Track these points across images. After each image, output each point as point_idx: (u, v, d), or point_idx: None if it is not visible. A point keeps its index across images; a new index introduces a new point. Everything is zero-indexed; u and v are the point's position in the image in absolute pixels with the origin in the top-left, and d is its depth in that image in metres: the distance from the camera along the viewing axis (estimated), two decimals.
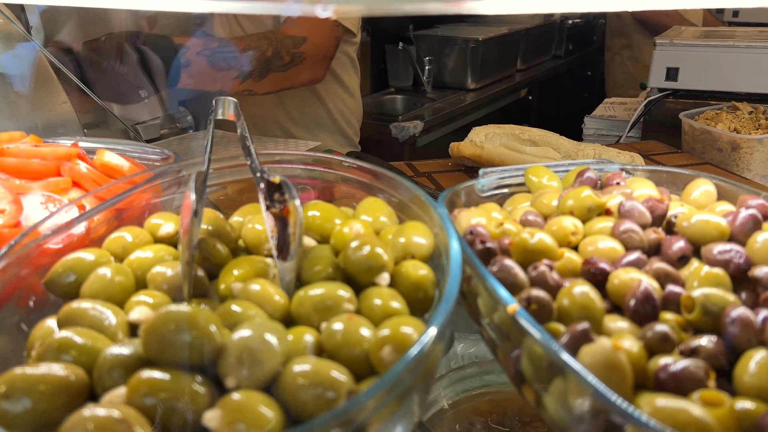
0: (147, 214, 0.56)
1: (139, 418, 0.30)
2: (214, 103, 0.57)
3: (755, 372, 0.33)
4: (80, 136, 0.86)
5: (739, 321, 0.35)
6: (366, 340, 0.37)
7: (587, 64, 3.50)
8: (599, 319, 0.38)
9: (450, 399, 0.67)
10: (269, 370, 0.34)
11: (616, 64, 2.54)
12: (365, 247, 0.43)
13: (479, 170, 0.59)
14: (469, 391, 0.68)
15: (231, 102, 0.57)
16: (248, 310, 0.40)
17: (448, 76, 2.73)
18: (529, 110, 3.26)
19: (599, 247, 0.45)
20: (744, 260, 0.41)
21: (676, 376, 0.32)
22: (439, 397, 0.66)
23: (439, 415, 0.65)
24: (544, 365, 0.34)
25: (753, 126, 1.44)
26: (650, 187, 0.53)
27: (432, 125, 2.31)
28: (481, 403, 0.67)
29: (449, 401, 0.66)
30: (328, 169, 0.61)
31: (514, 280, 0.40)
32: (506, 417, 0.64)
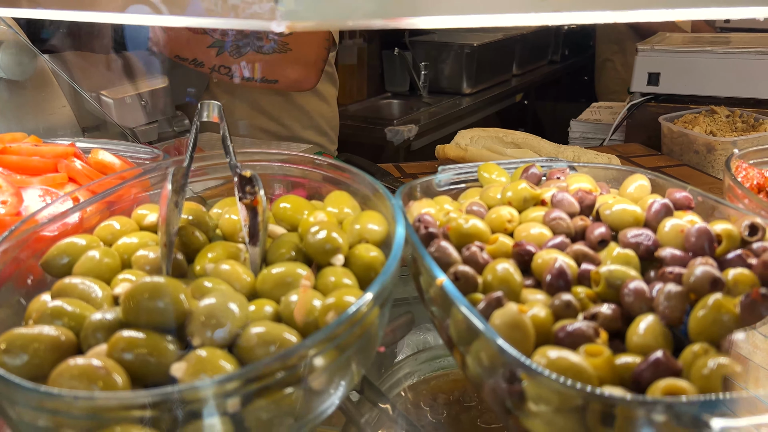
0: (136, 207, 0.62)
1: (116, 367, 0.36)
2: (200, 106, 0.64)
3: (642, 333, 0.39)
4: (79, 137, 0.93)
5: (634, 291, 0.41)
6: (317, 309, 0.43)
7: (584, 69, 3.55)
8: (517, 291, 0.44)
9: (416, 378, 0.72)
10: (230, 331, 0.40)
11: (607, 69, 2.60)
12: (322, 232, 0.49)
13: (438, 167, 0.65)
14: (435, 371, 0.73)
15: (215, 105, 0.63)
16: (218, 285, 0.46)
17: (444, 81, 2.79)
18: (524, 115, 3.31)
19: (531, 233, 0.50)
20: (652, 242, 0.47)
21: (570, 334, 0.38)
22: (406, 377, 0.72)
23: (405, 392, 0.71)
24: (464, 328, 0.40)
25: (730, 129, 1.49)
26: (587, 182, 0.58)
27: (427, 129, 2.37)
28: (445, 381, 0.72)
29: (415, 380, 0.72)
30: (302, 167, 0.68)
31: (448, 259, 0.46)
32: (466, 394, 0.69)
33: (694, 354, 0.36)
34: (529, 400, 0.35)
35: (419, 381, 0.72)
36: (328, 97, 1.58)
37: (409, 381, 0.72)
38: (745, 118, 1.52)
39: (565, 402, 0.33)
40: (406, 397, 0.69)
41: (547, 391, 0.33)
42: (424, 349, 0.75)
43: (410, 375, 0.72)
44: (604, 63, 2.60)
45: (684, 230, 0.46)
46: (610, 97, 2.55)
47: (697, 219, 0.50)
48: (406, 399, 0.68)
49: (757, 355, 0.42)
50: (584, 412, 0.33)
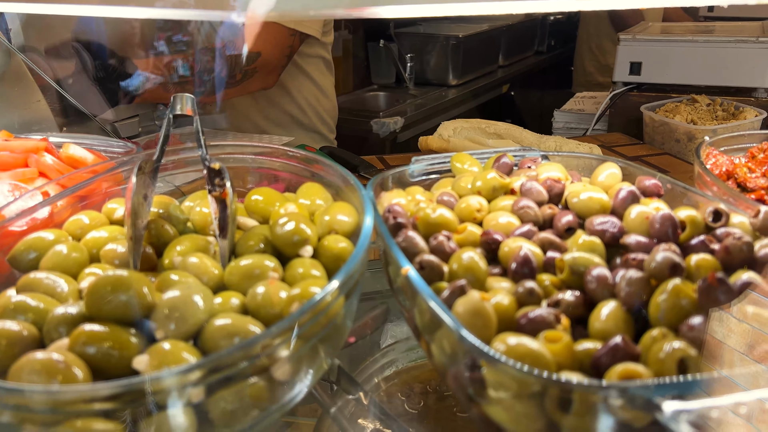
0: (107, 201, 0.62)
1: (77, 361, 0.36)
2: (173, 99, 0.63)
3: (603, 319, 0.39)
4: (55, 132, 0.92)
5: (597, 278, 0.41)
6: (284, 301, 0.43)
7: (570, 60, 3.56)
8: (483, 279, 0.44)
9: (395, 368, 0.72)
10: (193, 323, 0.40)
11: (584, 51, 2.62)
12: (290, 223, 0.49)
13: (412, 158, 0.65)
14: (414, 361, 0.73)
15: (189, 98, 0.63)
16: (185, 278, 0.45)
17: (430, 73, 2.79)
18: (511, 106, 3.32)
19: (499, 222, 0.51)
20: (617, 229, 0.47)
21: (531, 320, 0.38)
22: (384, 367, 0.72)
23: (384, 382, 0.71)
24: (428, 317, 0.40)
25: (710, 117, 1.50)
26: (557, 170, 0.59)
27: (413, 121, 2.37)
28: (424, 371, 0.73)
29: (393, 370, 0.72)
30: (275, 159, 0.67)
31: (415, 249, 0.46)
32: (443, 383, 0.70)
33: (653, 339, 0.36)
34: (489, 387, 0.35)
35: (398, 371, 0.72)
36: (326, 88, 1.60)
37: (388, 371, 0.72)
38: (725, 106, 1.53)
39: (524, 388, 0.33)
40: (383, 387, 0.69)
41: (505, 377, 0.34)
42: (403, 339, 0.75)
43: (389, 365, 0.73)
44: (582, 46, 2.62)
45: (649, 217, 0.47)
46: (588, 79, 2.57)
47: (663, 206, 0.50)
48: (384, 389, 0.69)
49: (731, 339, 0.42)
50: (543, 398, 0.33)
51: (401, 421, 0.63)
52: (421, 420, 0.65)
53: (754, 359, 0.40)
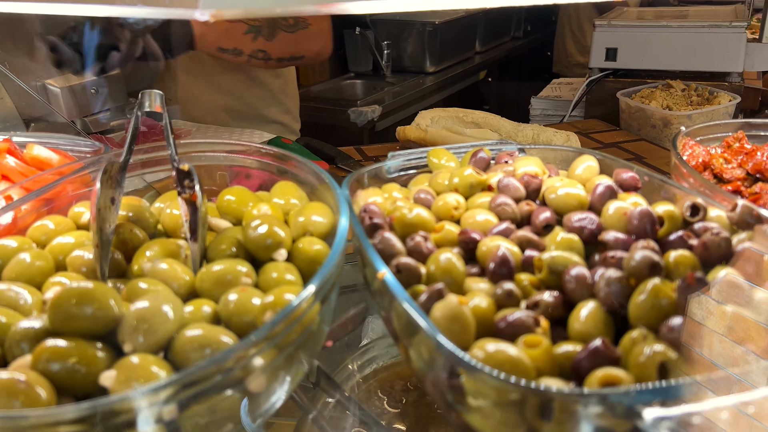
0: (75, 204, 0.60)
1: (40, 380, 0.35)
2: (141, 96, 0.61)
3: (583, 320, 0.38)
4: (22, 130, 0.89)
5: (576, 277, 0.41)
6: (257, 308, 0.42)
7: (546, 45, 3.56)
8: (461, 281, 0.43)
9: (375, 365, 0.72)
10: (163, 335, 0.38)
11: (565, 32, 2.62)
12: (263, 226, 0.48)
13: (388, 153, 0.64)
14: (394, 358, 0.73)
15: (157, 95, 0.61)
16: (154, 286, 0.44)
17: (407, 60, 2.76)
18: (489, 92, 3.31)
19: (477, 220, 0.50)
20: (596, 226, 0.46)
21: (510, 324, 0.37)
22: (365, 365, 0.71)
23: (364, 381, 0.70)
24: (405, 322, 0.39)
25: (685, 102, 1.51)
26: (535, 164, 0.58)
27: (391, 109, 2.35)
28: (404, 368, 0.72)
29: (374, 368, 0.71)
30: (247, 157, 0.66)
31: (392, 250, 0.45)
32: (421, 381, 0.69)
33: (633, 341, 0.36)
34: (468, 395, 0.34)
35: (378, 368, 0.72)
36: (286, 74, 1.57)
37: (368, 369, 0.71)
38: (700, 91, 1.53)
39: (503, 396, 0.33)
40: (363, 386, 0.69)
41: (484, 386, 0.33)
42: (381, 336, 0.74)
43: (369, 362, 0.72)
44: (563, 29, 2.62)
45: (627, 213, 0.46)
46: (569, 60, 2.57)
47: (641, 200, 0.50)
48: (364, 388, 0.68)
49: (711, 320, 0.42)
50: (523, 405, 0.32)
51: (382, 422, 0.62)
52: (402, 418, 0.64)
53: (733, 341, 0.40)
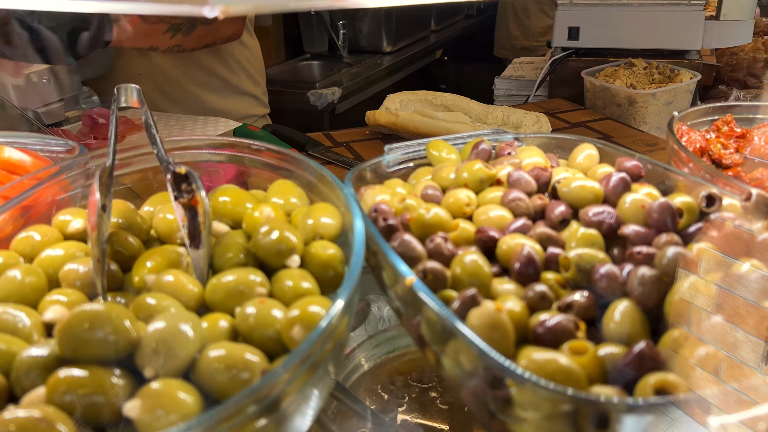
0: (55, 210, 0.56)
1: (60, 416, 0.32)
2: (116, 91, 0.57)
3: (619, 320, 0.38)
4: None
5: (606, 276, 0.40)
6: (278, 321, 0.40)
7: None
8: (488, 284, 0.42)
9: (373, 362, 0.70)
10: (185, 357, 0.36)
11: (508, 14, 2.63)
12: (274, 232, 0.45)
13: (385, 146, 0.62)
14: (391, 353, 0.72)
15: (134, 89, 0.57)
16: (162, 302, 0.41)
17: (364, 40, 2.73)
18: (445, 71, 3.30)
19: (490, 216, 0.49)
20: (614, 220, 0.46)
21: (550, 329, 0.37)
22: (363, 361, 0.70)
23: (362, 377, 0.69)
24: (439, 329, 0.38)
25: (648, 81, 1.53)
26: (538, 155, 0.57)
27: (351, 91, 2.32)
28: (402, 363, 0.71)
29: (372, 364, 0.70)
30: (238, 153, 0.63)
31: (413, 253, 0.43)
32: (424, 374, 0.68)
33: (676, 341, 0.35)
34: (517, 405, 0.33)
35: (377, 364, 0.70)
36: (250, 46, 1.56)
37: (367, 365, 0.70)
38: (661, 69, 1.56)
39: (557, 407, 0.32)
40: (364, 383, 0.67)
41: (536, 397, 0.32)
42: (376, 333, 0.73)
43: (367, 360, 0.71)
44: (506, 7, 2.63)
45: (645, 205, 0.46)
46: (513, 43, 2.58)
47: (654, 191, 0.49)
48: (365, 385, 0.67)
49: (699, 299, 0.42)
50: (576, 416, 0.32)
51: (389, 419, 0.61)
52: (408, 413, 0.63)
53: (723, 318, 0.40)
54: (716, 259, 0.41)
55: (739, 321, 0.35)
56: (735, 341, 0.35)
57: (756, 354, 0.35)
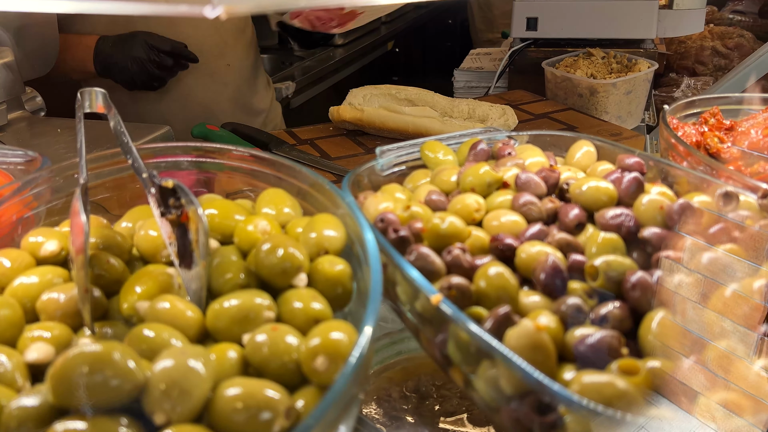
0: (20, 230, 0.51)
1: None
2: (80, 95, 0.52)
3: (657, 331, 0.36)
4: None
5: (639, 285, 0.38)
6: (294, 349, 0.36)
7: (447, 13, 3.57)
8: (515, 297, 0.40)
9: None
10: (198, 398, 0.32)
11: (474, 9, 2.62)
12: (279, 250, 0.41)
13: (376, 149, 0.58)
14: (383, 362, 0.69)
15: (99, 93, 0.52)
16: (162, 333, 0.37)
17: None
18: (397, 63, 3.28)
19: (503, 222, 0.46)
20: (634, 223, 0.44)
21: (593, 347, 0.35)
22: None
23: None
24: (472, 350, 0.35)
25: (606, 70, 1.55)
26: (539, 155, 0.55)
27: (304, 85, 2.27)
28: (396, 372, 0.68)
29: None
30: (219, 160, 0.58)
31: (432, 267, 0.41)
32: (420, 383, 0.66)
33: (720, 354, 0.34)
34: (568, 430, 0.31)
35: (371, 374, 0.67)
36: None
37: None
38: (619, 58, 1.58)
39: None
40: None
41: (594, 424, 0.30)
42: None
43: None
44: (473, 11, 2.62)
45: (664, 207, 0.44)
46: (488, 35, 2.58)
47: (667, 191, 0.48)
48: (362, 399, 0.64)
49: (683, 289, 0.41)
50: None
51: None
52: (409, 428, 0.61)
53: (708, 308, 0.39)
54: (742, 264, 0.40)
55: None
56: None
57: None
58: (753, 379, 0.35)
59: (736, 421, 0.33)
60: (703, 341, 0.36)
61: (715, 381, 0.37)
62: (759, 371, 0.35)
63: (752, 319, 0.36)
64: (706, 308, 0.37)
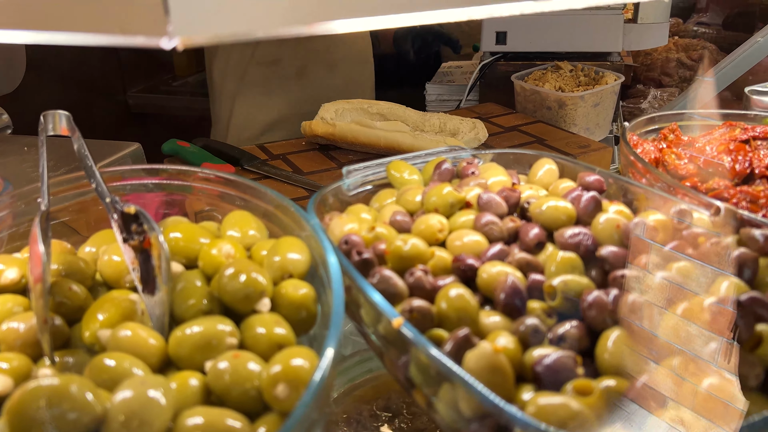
0: None
1: None
2: (43, 118, 0.52)
3: (613, 350, 0.37)
4: None
5: (595, 304, 0.39)
6: (256, 376, 0.36)
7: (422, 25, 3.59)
8: (475, 318, 0.40)
9: (336, 391, 0.67)
10: (159, 429, 0.32)
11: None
12: (241, 275, 0.42)
13: (343, 169, 0.59)
14: (353, 380, 0.69)
15: (62, 115, 0.52)
16: (123, 363, 0.37)
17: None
18: None
19: (465, 242, 0.47)
20: (591, 242, 0.45)
21: (550, 368, 0.35)
22: None
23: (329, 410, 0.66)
24: (432, 373, 0.36)
25: (574, 83, 1.57)
26: (502, 174, 0.56)
27: None
28: (366, 390, 0.68)
29: (335, 394, 0.67)
30: (184, 182, 0.58)
31: (394, 289, 0.41)
32: (390, 401, 0.66)
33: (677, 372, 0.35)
34: None
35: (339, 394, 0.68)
36: None
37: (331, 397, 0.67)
38: (586, 71, 1.61)
39: None
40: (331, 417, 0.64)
41: None
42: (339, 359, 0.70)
43: None
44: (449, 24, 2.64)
45: (620, 225, 0.46)
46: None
47: (625, 209, 0.49)
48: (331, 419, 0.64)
49: (648, 294, 0.42)
50: None
51: None
52: None
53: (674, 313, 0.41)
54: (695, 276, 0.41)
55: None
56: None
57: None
58: (720, 383, 0.36)
59: (703, 423, 0.34)
60: (671, 346, 0.37)
61: (683, 385, 0.38)
62: (724, 374, 0.36)
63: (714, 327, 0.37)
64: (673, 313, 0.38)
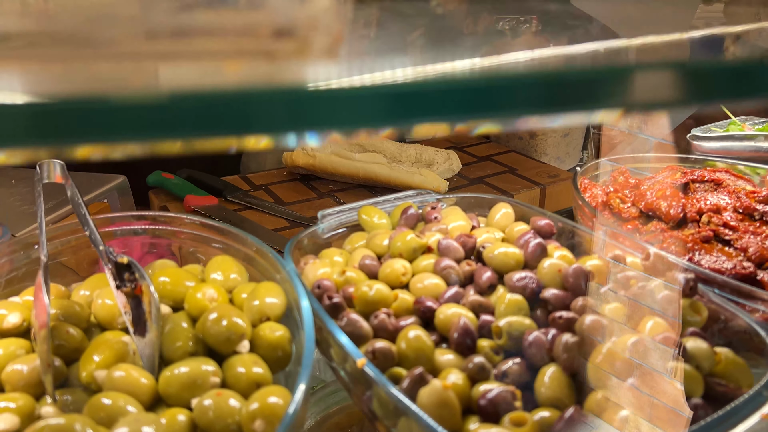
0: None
1: None
2: (39, 168, 0.57)
3: (548, 384, 0.43)
4: None
5: (535, 343, 0.45)
6: (236, 412, 0.41)
7: None
8: (431, 357, 0.46)
9: (313, 419, 0.72)
10: None
11: None
12: (223, 320, 0.47)
13: (318, 213, 0.64)
14: (328, 408, 0.73)
15: (57, 164, 0.57)
16: (118, 401, 0.42)
17: None
18: None
19: (426, 285, 0.53)
20: (536, 284, 0.51)
21: (492, 401, 0.41)
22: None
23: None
24: (391, 408, 0.41)
25: None
26: (462, 218, 0.62)
27: None
28: (342, 417, 0.73)
29: (312, 422, 0.72)
30: (170, 227, 0.63)
31: (360, 332, 0.47)
32: (364, 428, 0.71)
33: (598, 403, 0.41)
34: None
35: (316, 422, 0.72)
36: None
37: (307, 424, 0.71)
38: None
39: None
40: None
41: None
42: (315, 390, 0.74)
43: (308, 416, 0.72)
44: None
45: (562, 270, 0.51)
46: None
47: (568, 254, 0.55)
48: None
49: (611, 311, 0.48)
50: None
51: None
52: None
53: (632, 328, 0.47)
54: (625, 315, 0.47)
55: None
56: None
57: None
58: (671, 393, 0.41)
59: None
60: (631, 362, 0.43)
61: (640, 397, 0.43)
62: (675, 384, 0.41)
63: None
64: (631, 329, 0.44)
